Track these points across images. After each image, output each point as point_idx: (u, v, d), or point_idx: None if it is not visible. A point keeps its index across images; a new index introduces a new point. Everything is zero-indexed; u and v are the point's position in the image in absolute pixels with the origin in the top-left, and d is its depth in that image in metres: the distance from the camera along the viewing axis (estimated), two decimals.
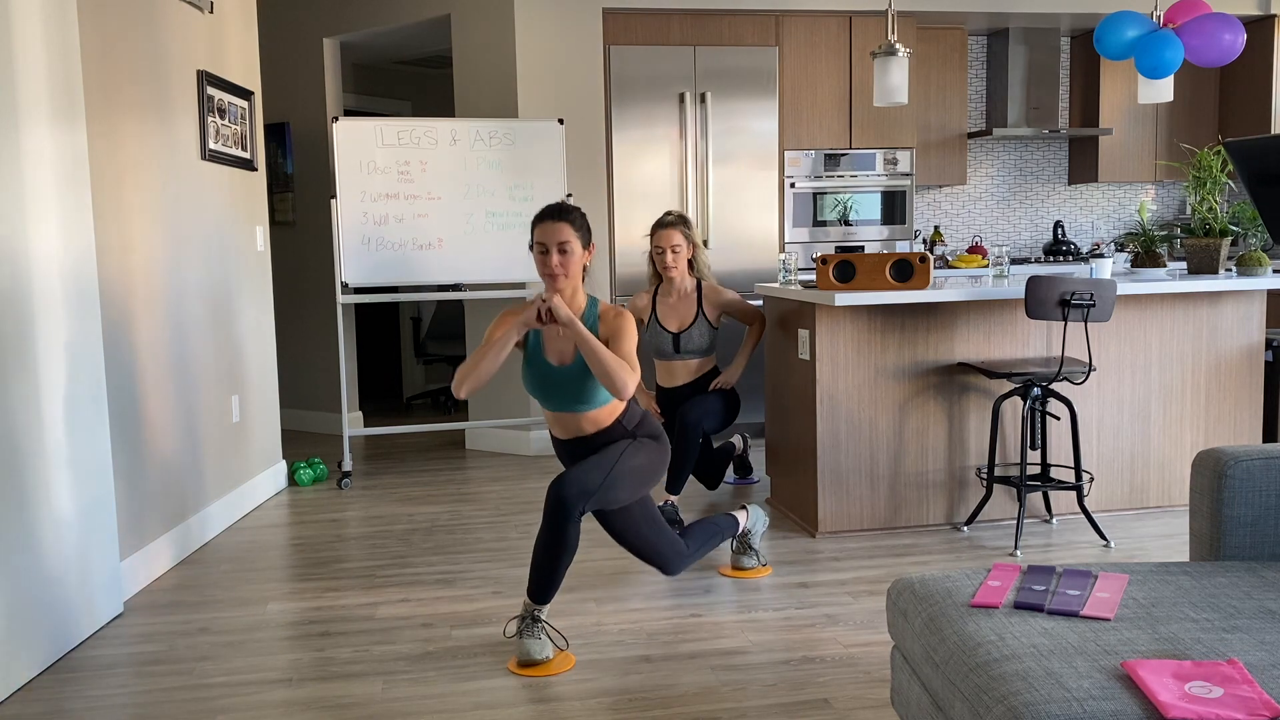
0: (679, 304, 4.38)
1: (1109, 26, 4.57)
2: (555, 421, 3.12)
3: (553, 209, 3.01)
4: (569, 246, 2.97)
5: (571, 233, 2.98)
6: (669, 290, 4.40)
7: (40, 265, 2.90)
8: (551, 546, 2.90)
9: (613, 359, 2.88)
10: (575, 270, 3.01)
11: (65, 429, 3.01)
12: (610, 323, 3.03)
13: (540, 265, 3.00)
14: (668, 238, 4.28)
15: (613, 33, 5.65)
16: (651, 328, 4.41)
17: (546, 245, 2.98)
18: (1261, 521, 2.12)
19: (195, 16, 4.23)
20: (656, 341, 4.40)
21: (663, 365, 4.46)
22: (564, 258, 2.97)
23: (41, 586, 2.89)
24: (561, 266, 2.96)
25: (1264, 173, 2.44)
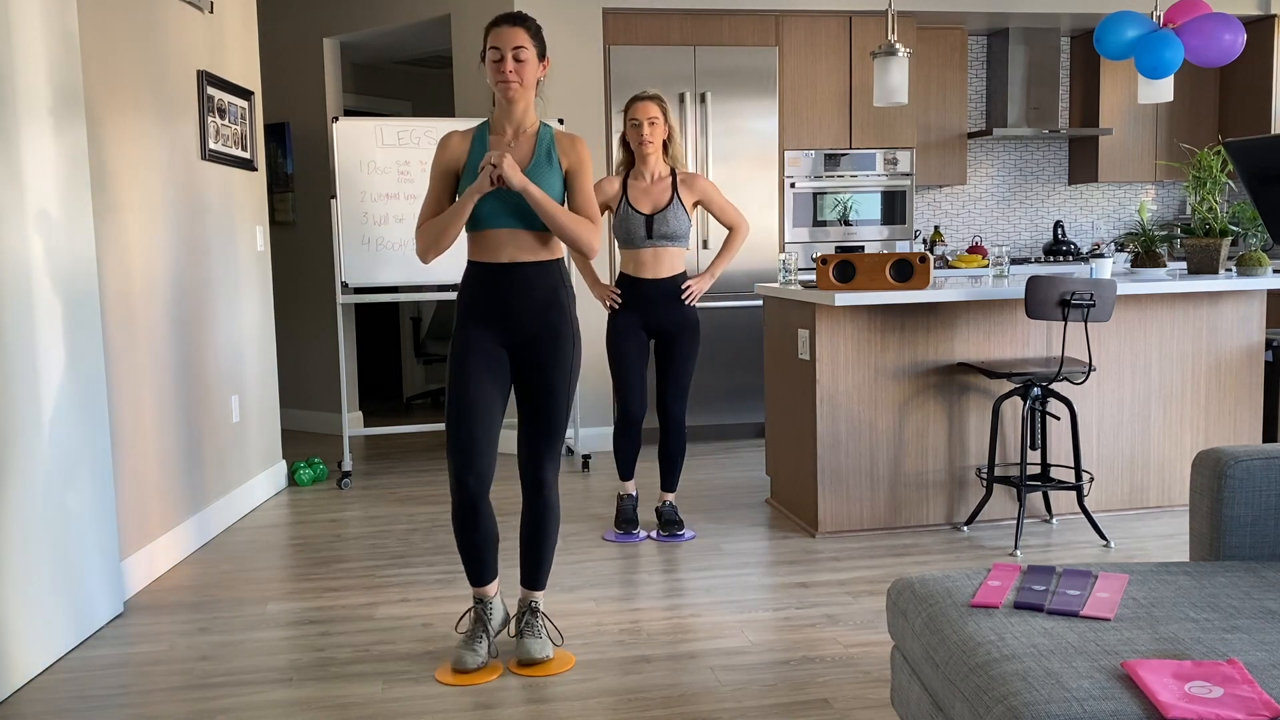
0: (652, 187, 3.96)
1: (1109, 26, 4.57)
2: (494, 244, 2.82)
3: (509, 14, 2.81)
4: (525, 54, 2.77)
5: (528, 39, 2.78)
6: (642, 173, 3.98)
7: (40, 265, 2.90)
8: (539, 520, 2.88)
9: (573, 218, 2.77)
10: (530, 80, 2.81)
11: (65, 428, 3.01)
12: (570, 152, 2.86)
13: (494, 73, 2.78)
14: (645, 109, 3.89)
15: (613, 33, 5.65)
16: (622, 211, 3.95)
17: (501, 51, 2.75)
18: (1261, 521, 2.12)
19: (195, 16, 4.23)
20: (626, 225, 3.94)
21: (630, 255, 3.99)
22: (519, 65, 2.76)
23: (41, 586, 2.89)
24: (516, 74, 2.76)
25: (1264, 173, 2.44)
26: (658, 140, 3.93)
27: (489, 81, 2.82)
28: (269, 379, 4.98)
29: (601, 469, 5.29)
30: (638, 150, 3.96)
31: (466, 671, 2.80)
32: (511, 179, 2.69)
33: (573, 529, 4.20)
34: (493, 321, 2.84)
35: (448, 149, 2.87)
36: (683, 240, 3.99)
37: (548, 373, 2.85)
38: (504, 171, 2.68)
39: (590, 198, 2.88)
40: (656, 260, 3.97)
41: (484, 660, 2.83)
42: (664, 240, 3.94)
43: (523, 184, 2.71)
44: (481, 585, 2.91)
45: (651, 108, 3.91)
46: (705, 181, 4.03)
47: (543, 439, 2.85)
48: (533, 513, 2.90)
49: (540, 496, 2.88)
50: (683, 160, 4.07)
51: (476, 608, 2.92)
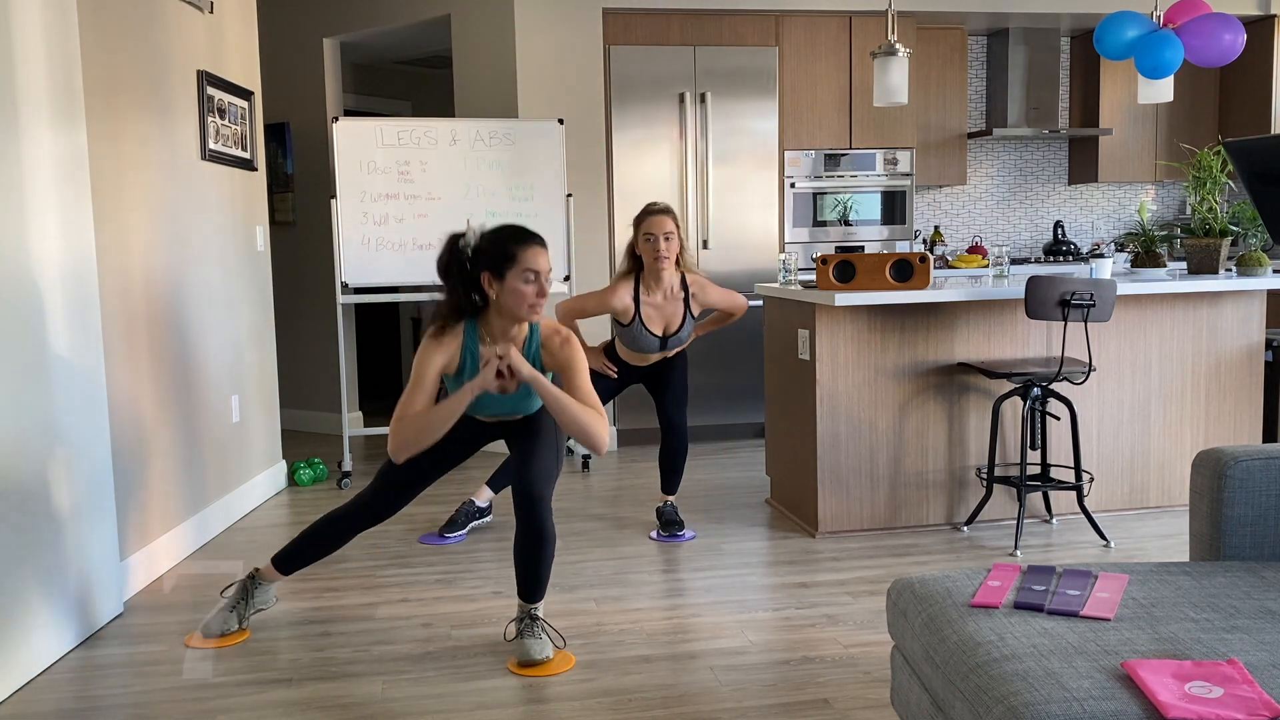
0: (666, 304, 3.92)
1: (1109, 26, 4.57)
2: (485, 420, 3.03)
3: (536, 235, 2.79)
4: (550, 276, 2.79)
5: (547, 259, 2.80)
6: (654, 288, 3.90)
7: (40, 265, 2.90)
8: (534, 541, 2.87)
9: (582, 411, 2.75)
10: None
11: (65, 429, 3.01)
12: (557, 354, 2.87)
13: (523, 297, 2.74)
14: (661, 224, 3.80)
15: (613, 33, 5.65)
16: (635, 329, 3.91)
17: (537, 273, 2.74)
18: (1261, 521, 2.12)
19: (195, 16, 4.23)
20: (639, 341, 3.94)
21: (637, 355, 4.04)
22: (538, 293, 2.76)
23: (42, 586, 2.89)
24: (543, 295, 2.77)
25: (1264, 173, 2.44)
26: (673, 255, 3.84)
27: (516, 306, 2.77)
28: (269, 379, 4.98)
29: (601, 469, 5.29)
30: (650, 265, 3.86)
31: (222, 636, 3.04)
32: (521, 370, 2.72)
33: (573, 529, 4.20)
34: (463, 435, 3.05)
35: (440, 345, 2.82)
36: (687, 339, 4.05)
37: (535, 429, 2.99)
38: (514, 363, 2.71)
39: (590, 394, 2.84)
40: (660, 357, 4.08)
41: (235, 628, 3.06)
42: (672, 348, 4.04)
43: (532, 375, 2.73)
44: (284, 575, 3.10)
45: (667, 222, 3.82)
46: (715, 289, 3.99)
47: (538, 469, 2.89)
48: (527, 535, 2.86)
49: (535, 516, 2.84)
50: (693, 264, 4.01)
51: (250, 581, 3.15)
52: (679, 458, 4.12)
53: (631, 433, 5.85)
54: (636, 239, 3.88)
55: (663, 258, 3.82)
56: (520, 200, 5.20)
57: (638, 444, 5.86)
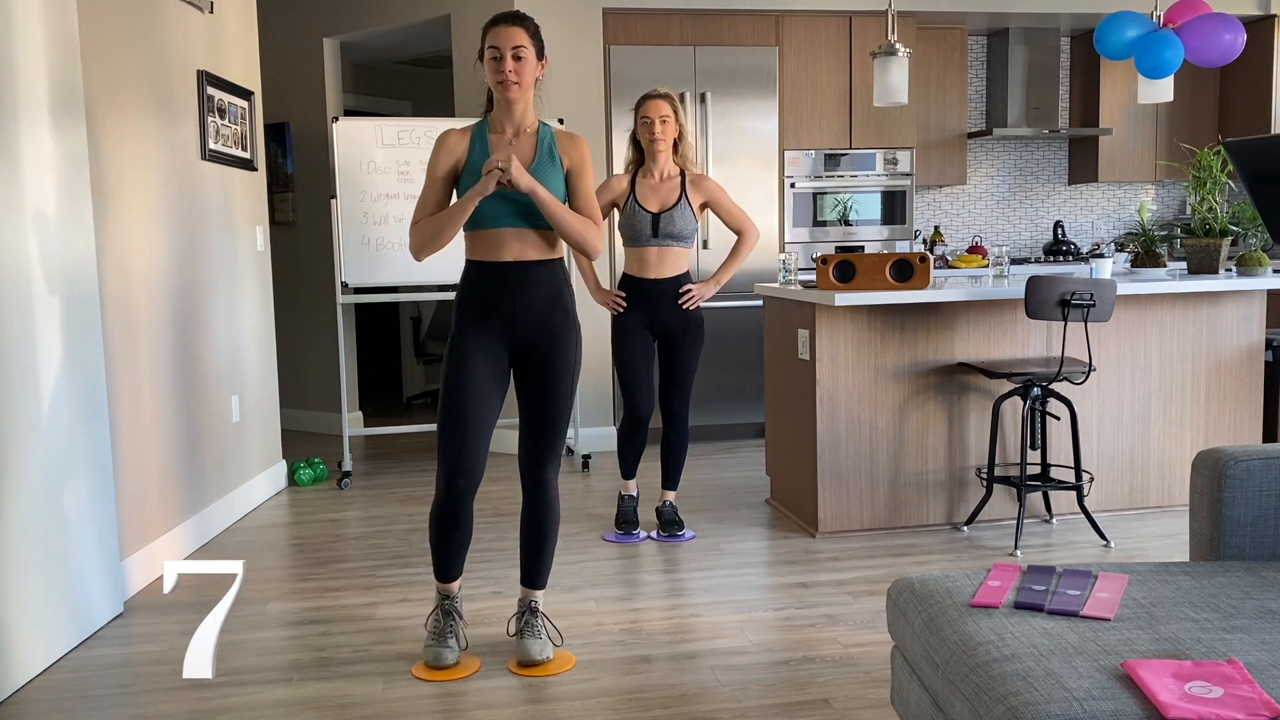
0: (661, 185, 3.94)
1: (1109, 26, 4.57)
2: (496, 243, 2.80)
3: (508, 13, 2.81)
4: (524, 53, 2.76)
5: (527, 38, 2.78)
6: (651, 171, 3.95)
7: (40, 266, 2.90)
8: (539, 518, 2.88)
9: (579, 220, 2.77)
10: (529, 80, 2.80)
11: (65, 428, 3.01)
12: (571, 151, 2.85)
13: (493, 73, 2.77)
14: (657, 107, 3.88)
15: (613, 33, 5.65)
16: (629, 208, 3.93)
17: (500, 50, 2.75)
18: (1261, 521, 2.12)
19: (195, 16, 4.23)
20: (632, 222, 3.93)
21: (635, 253, 3.98)
22: (519, 65, 2.76)
23: (41, 586, 2.89)
24: (516, 73, 2.75)
25: (1264, 173, 2.44)
26: (668, 138, 3.91)
27: (487, 80, 2.82)
28: (269, 379, 4.98)
29: (601, 469, 5.29)
30: (648, 148, 3.93)
31: (444, 667, 2.81)
32: (519, 181, 2.68)
33: (573, 529, 4.20)
34: (494, 321, 2.82)
35: (446, 147, 2.85)
36: (688, 241, 3.97)
37: (550, 373, 2.84)
38: (512, 174, 2.67)
39: (591, 198, 2.87)
40: (660, 260, 3.95)
41: (458, 656, 2.85)
42: (669, 239, 3.93)
43: (530, 185, 2.69)
44: (449, 581, 2.92)
45: (663, 106, 3.89)
46: (714, 184, 4.00)
47: (544, 439, 2.85)
48: (533, 513, 2.90)
49: (541, 496, 2.89)
50: (693, 160, 4.04)
51: (445, 604, 2.92)
52: (680, 452, 4.11)
53: None
54: (636, 124, 3.96)
55: (657, 139, 3.88)
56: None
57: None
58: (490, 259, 2.82)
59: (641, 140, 3.95)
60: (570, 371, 2.88)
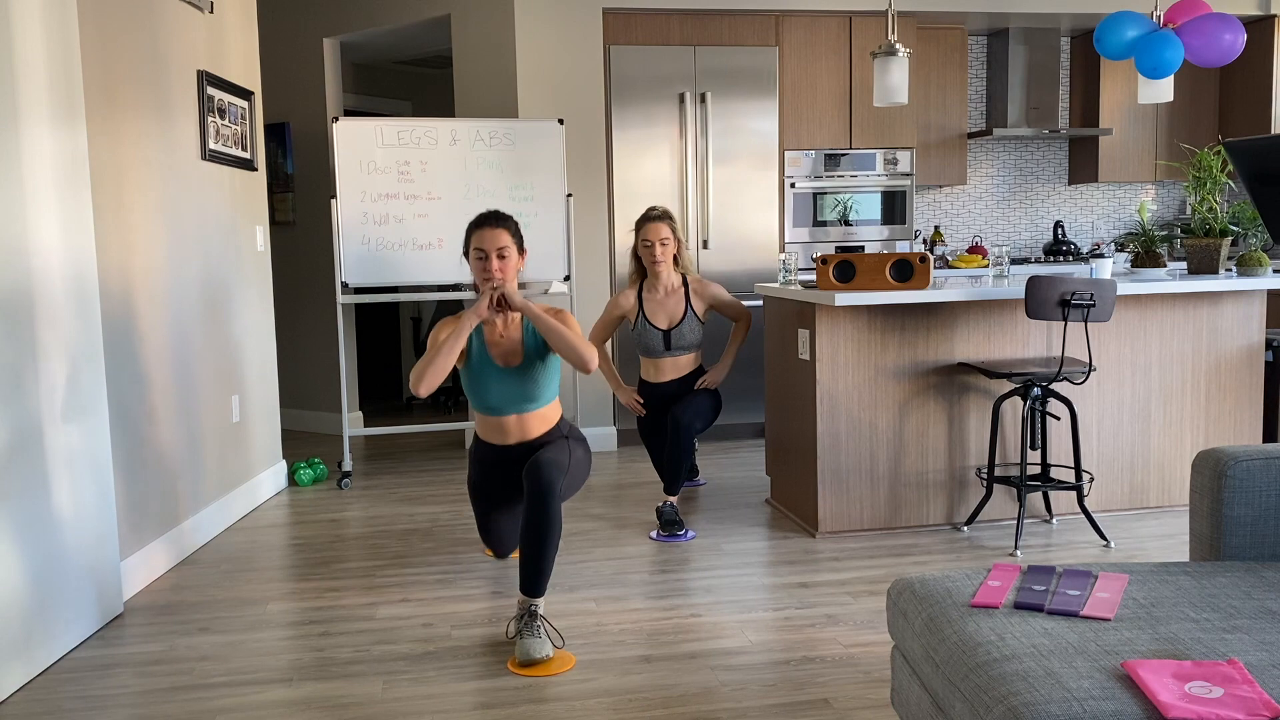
0: (667, 300, 4.34)
1: (1109, 26, 4.57)
2: (497, 429, 3.24)
3: (490, 215, 3.11)
4: (507, 252, 3.07)
5: (509, 239, 3.08)
6: (655, 286, 4.36)
7: (40, 265, 2.90)
8: (540, 528, 2.92)
9: (572, 334, 3.02)
10: (512, 276, 3.10)
11: (65, 429, 3.01)
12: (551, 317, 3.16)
13: (479, 272, 3.08)
14: (656, 231, 4.26)
15: (613, 33, 5.65)
16: (640, 326, 4.35)
17: (485, 251, 3.06)
18: (1261, 521, 2.12)
19: (195, 16, 4.23)
20: (645, 339, 4.36)
21: (649, 363, 4.43)
22: (503, 263, 3.06)
23: (41, 586, 2.89)
24: (501, 272, 3.05)
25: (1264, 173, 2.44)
26: (668, 258, 4.31)
27: (474, 279, 3.13)
28: (269, 379, 4.98)
29: (601, 468, 5.29)
30: (650, 268, 4.33)
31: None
32: (513, 299, 2.98)
33: (573, 529, 4.20)
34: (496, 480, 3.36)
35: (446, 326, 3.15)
36: (697, 348, 4.41)
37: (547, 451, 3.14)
38: (505, 292, 2.97)
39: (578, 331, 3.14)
40: (675, 367, 4.40)
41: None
42: (680, 351, 4.37)
43: (523, 305, 2.98)
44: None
45: (662, 229, 4.27)
46: (714, 287, 4.40)
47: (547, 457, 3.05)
48: (534, 522, 2.93)
49: (544, 504, 2.93)
50: (691, 267, 4.42)
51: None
52: (681, 455, 4.12)
53: (632, 433, 5.85)
54: (637, 243, 4.36)
55: (658, 261, 4.29)
56: (520, 200, 5.20)
57: (638, 444, 5.86)
58: (496, 443, 3.28)
59: (643, 260, 4.35)
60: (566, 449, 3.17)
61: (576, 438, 3.29)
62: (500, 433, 3.25)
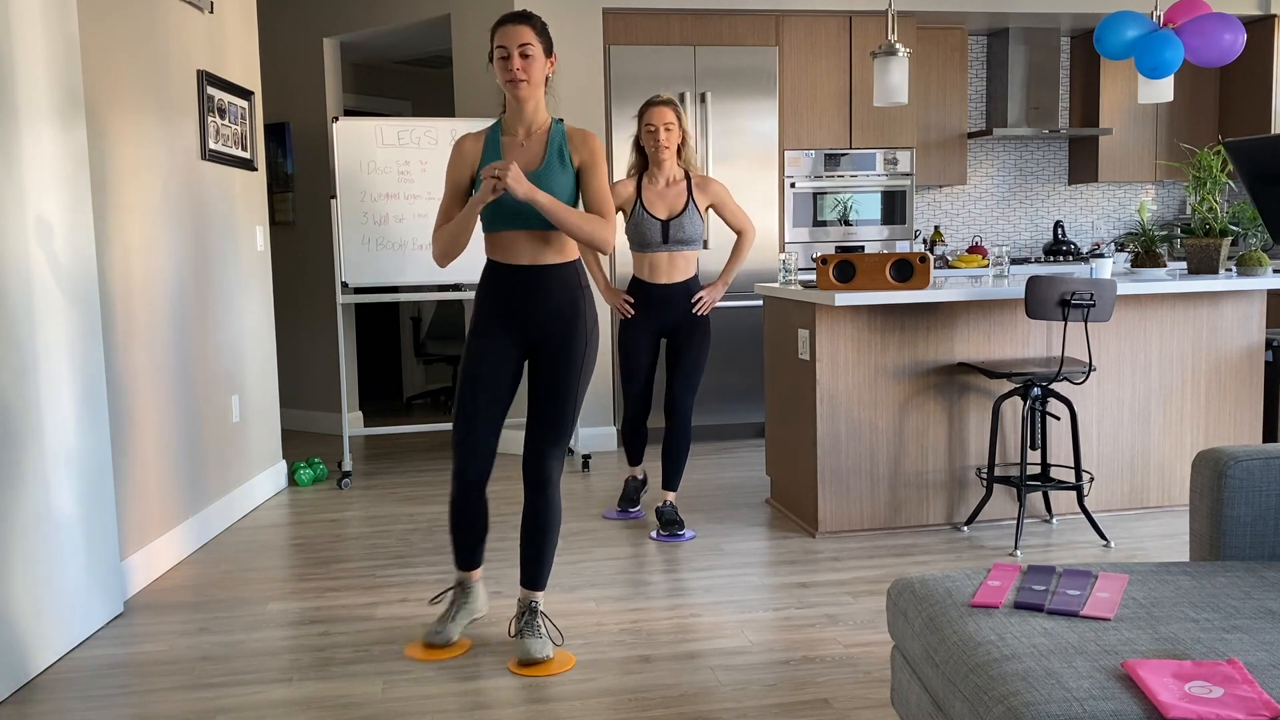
0: (668, 191, 4.02)
1: (1109, 26, 4.57)
2: (509, 245, 2.87)
3: (514, 13, 2.84)
4: (531, 50, 2.78)
5: (534, 36, 2.80)
6: (656, 177, 4.03)
7: (40, 265, 2.90)
8: (540, 517, 2.90)
9: (584, 217, 2.79)
10: (538, 77, 2.82)
11: (65, 428, 3.01)
12: (582, 148, 2.87)
13: (501, 72, 2.80)
14: (661, 115, 3.94)
15: (613, 33, 5.65)
16: (637, 215, 4.01)
17: (508, 49, 2.78)
18: (1261, 521, 2.12)
19: (195, 16, 4.23)
20: (642, 230, 4.01)
21: (644, 258, 4.07)
22: (526, 62, 2.78)
23: (42, 586, 2.89)
24: (524, 71, 2.78)
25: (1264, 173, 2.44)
26: (673, 145, 3.98)
27: (498, 81, 2.85)
28: (269, 379, 4.98)
29: (602, 469, 5.29)
30: (653, 155, 4.01)
31: (436, 647, 2.91)
32: (515, 189, 2.70)
33: (573, 529, 4.20)
34: (508, 322, 2.91)
35: (461, 153, 2.91)
36: (697, 244, 4.07)
37: (559, 371, 2.89)
38: (508, 183, 2.69)
39: (604, 193, 2.89)
40: (671, 264, 4.07)
41: (453, 638, 2.95)
42: (679, 245, 4.03)
43: (528, 193, 2.71)
44: (467, 570, 3.03)
45: (667, 113, 3.96)
46: (719, 185, 4.09)
47: (549, 436, 2.88)
48: (534, 512, 2.91)
49: (543, 494, 2.90)
50: (696, 163, 4.12)
51: (456, 589, 3.05)
52: (681, 452, 4.12)
53: None
54: (640, 130, 4.03)
55: (662, 147, 3.95)
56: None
57: None
58: (504, 261, 2.90)
59: (646, 147, 4.02)
60: (577, 364, 2.90)
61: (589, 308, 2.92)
62: (508, 250, 2.88)
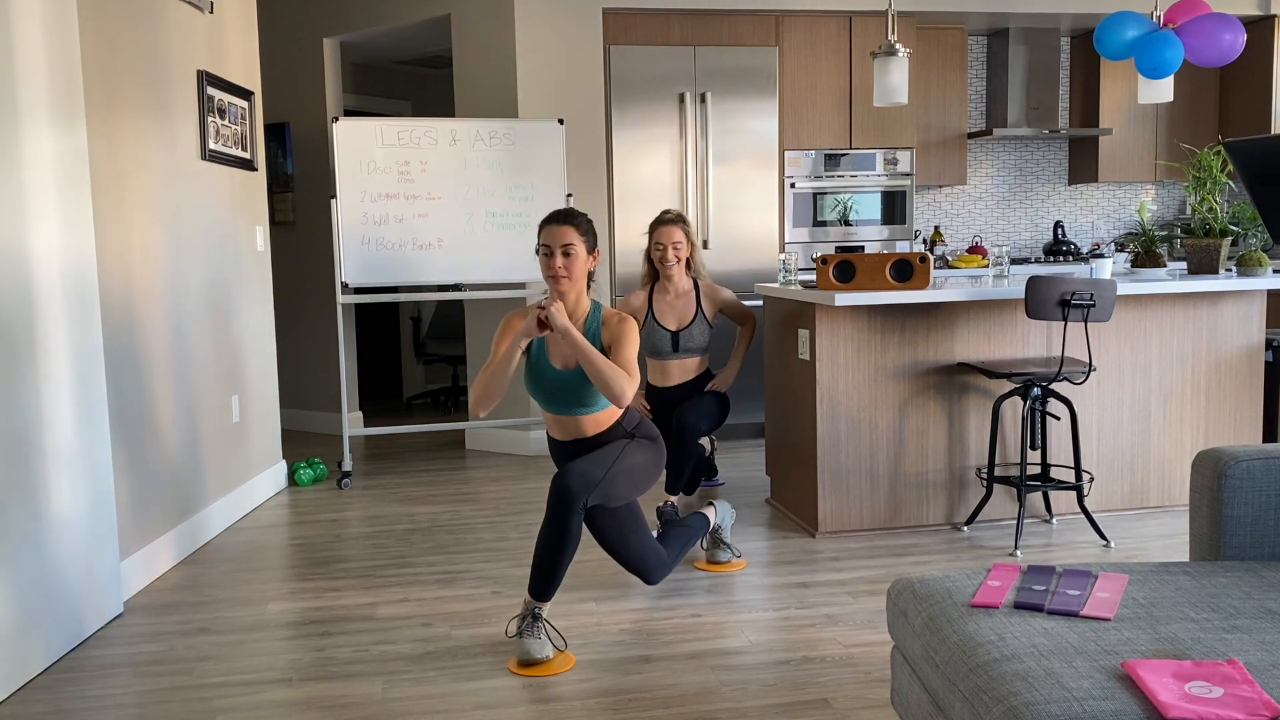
0: (677, 302, 4.35)
1: (1109, 26, 4.57)
2: (555, 424, 3.17)
3: (559, 213, 3.08)
4: (573, 250, 3.03)
5: (576, 236, 3.04)
6: (666, 289, 4.36)
7: (40, 265, 2.90)
8: (555, 539, 2.91)
9: (610, 367, 2.93)
10: (579, 274, 3.07)
11: (66, 429, 3.01)
12: (613, 329, 3.08)
13: (545, 268, 3.06)
14: (669, 234, 4.28)
15: (613, 33, 5.65)
16: (649, 326, 4.36)
17: (551, 248, 3.03)
18: (1261, 521, 2.12)
19: (195, 16, 4.23)
20: (653, 340, 4.36)
21: (657, 365, 4.42)
22: (568, 260, 3.03)
23: (42, 586, 2.89)
24: (565, 269, 3.02)
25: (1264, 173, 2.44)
26: (682, 263, 4.32)
27: (542, 274, 3.09)
28: (269, 379, 4.98)
29: None
30: (662, 270, 4.32)
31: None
32: (555, 320, 2.90)
33: None
34: None
35: (509, 324, 3.13)
36: (704, 351, 4.39)
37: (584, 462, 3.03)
38: (550, 313, 2.91)
39: (630, 361, 3.05)
40: (681, 370, 4.39)
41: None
42: (687, 354, 4.36)
43: (565, 327, 2.91)
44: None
45: (676, 232, 4.28)
46: (724, 291, 4.40)
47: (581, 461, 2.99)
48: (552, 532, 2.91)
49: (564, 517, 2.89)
50: (704, 272, 4.41)
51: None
52: (685, 457, 4.12)
53: None
54: (650, 245, 4.36)
55: (670, 265, 4.30)
56: (520, 200, 5.20)
57: None
58: (555, 436, 3.21)
59: (655, 262, 4.34)
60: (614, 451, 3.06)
61: (643, 434, 3.18)
62: (556, 427, 3.19)
